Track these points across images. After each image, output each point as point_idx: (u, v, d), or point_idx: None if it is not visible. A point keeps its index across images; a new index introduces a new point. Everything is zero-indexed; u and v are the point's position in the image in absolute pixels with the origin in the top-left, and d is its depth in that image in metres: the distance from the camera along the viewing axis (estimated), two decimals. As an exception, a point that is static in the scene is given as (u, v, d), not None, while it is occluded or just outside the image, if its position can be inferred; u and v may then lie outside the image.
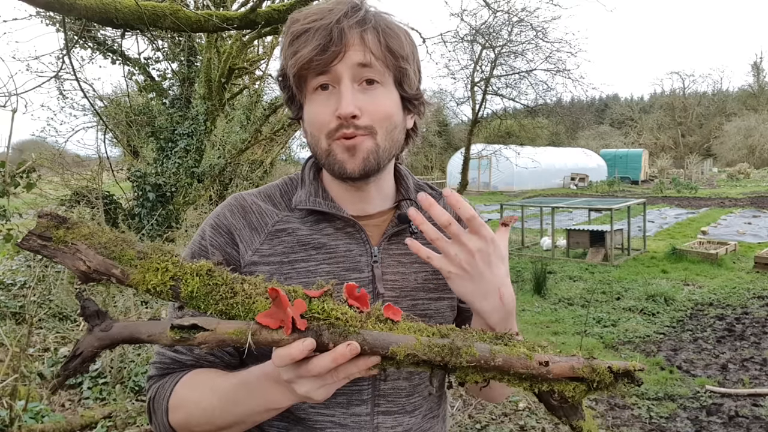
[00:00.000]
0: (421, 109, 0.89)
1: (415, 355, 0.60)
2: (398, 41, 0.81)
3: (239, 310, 0.60)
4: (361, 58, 0.78)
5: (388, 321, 0.62)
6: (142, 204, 6.85)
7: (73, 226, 0.60)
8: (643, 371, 0.62)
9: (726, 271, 7.50)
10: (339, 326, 0.60)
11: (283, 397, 0.70)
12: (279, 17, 4.62)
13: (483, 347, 0.61)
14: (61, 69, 5.75)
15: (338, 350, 0.60)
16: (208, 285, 0.61)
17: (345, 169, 0.81)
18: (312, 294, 0.62)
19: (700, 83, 64.02)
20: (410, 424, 0.89)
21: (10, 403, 2.73)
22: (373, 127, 0.81)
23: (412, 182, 0.97)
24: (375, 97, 0.80)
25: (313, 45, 0.76)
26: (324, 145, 0.82)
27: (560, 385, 0.63)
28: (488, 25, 12.00)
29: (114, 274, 0.59)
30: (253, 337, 0.57)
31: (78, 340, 0.57)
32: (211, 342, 0.57)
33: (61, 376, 0.56)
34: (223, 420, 0.76)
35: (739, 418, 3.42)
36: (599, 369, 0.62)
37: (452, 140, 32.22)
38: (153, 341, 0.58)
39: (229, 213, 0.88)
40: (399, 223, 0.90)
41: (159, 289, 0.60)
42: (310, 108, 0.83)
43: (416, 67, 0.86)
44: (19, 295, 4.90)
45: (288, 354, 0.59)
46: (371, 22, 0.79)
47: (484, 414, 3.48)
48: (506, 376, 0.62)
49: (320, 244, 0.86)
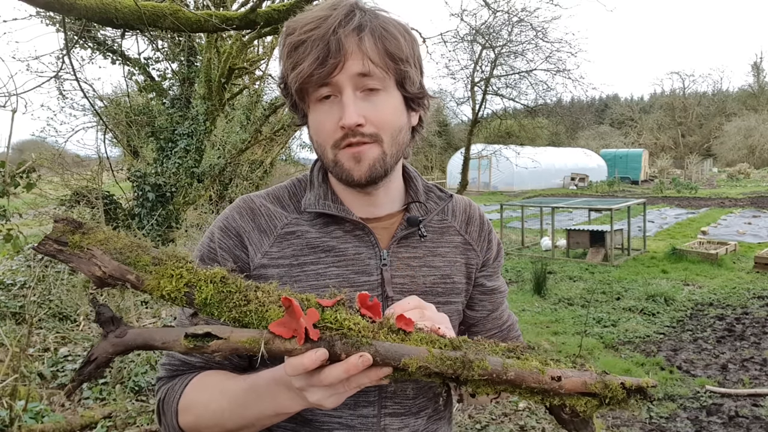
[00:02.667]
0: (425, 103, 0.89)
1: (427, 368, 0.60)
2: (396, 43, 0.80)
3: (252, 318, 0.61)
4: (360, 67, 0.77)
5: (401, 332, 0.62)
6: (142, 204, 6.84)
7: (88, 231, 0.61)
8: (655, 387, 0.62)
9: (726, 271, 7.50)
10: (351, 337, 0.60)
11: (293, 403, 0.71)
12: (279, 17, 4.61)
13: (495, 361, 0.61)
14: (61, 69, 5.75)
15: (351, 361, 0.60)
16: (222, 292, 0.61)
17: (352, 177, 0.82)
18: (325, 303, 0.62)
19: (700, 83, 64.17)
20: (416, 425, 0.89)
21: (10, 403, 2.73)
22: (378, 135, 0.81)
23: (421, 184, 0.97)
24: (378, 104, 0.80)
25: (311, 59, 0.75)
26: (330, 155, 0.82)
27: (572, 400, 0.63)
28: (488, 25, 11.98)
29: (129, 279, 0.59)
30: (266, 346, 0.58)
31: (92, 345, 0.58)
32: (225, 350, 0.58)
33: (75, 381, 0.57)
34: (233, 423, 0.76)
35: (739, 418, 3.43)
36: (612, 385, 0.62)
37: (452, 140, 32.20)
38: (167, 348, 0.58)
39: (238, 215, 0.88)
40: (408, 225, 0.90)
41: (173, 296, 0.60)
42: (315, 117, 0.83)
43: (417, 63, 0.85)
44: (19, 295, 4.89)
45: (301, 364, 0.60)
46: (368, 26, 0.78)
47: (484, 414, 3.49)
48: (518, 389, 0.62)
49: (329, 247, 0.86)
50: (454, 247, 0.95)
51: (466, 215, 1.00)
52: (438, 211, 0.95)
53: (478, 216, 1.01)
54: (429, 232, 0.93)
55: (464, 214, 1.00)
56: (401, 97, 0.84)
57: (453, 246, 0.95)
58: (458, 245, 0.96)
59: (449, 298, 0.93)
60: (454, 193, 1.02)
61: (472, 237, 0.99)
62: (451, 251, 0.95)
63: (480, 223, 1.00)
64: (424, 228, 0.92)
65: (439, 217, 0.97)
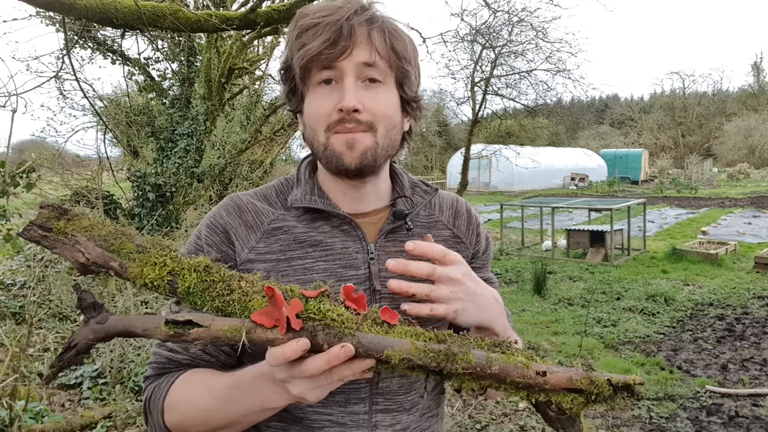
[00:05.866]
0: (417, 113, 0.91)
1: (410, 360, 0.60)
2: (403, 44, 0.83)
3: (236, 307, 0.60)
4: (366, 57, 0.80)
5: (385, 324, 0.62)
6: (142, 204, 6.84)
7: (73, 217, 0.60)
8: (643, 385, 0.62)
9: (726, 271, 7.49)
10: (334, 327, 0.59)
11: (277, 397, 0.70)
12: (279, 17, 4.61)
13: (480, 354, 0.61)
14: (61, 69, 5.75)
15: (332, 352, 0.60)
16: (206, 281, 0.61)
17: (342, 161, 0.82)
18: (309, 294, 0.61)
19: (700, 83, 64.16)
20: (408, 421, 0.89)
21: (10, 403, 2.73)
22: (374, 123, 0.82)
23: (407, 180, 0.98)
24: (377, 94, 0.82)
25: (322, 39, 0.77)
26: (322, 139, 0.83)
27: (558, 397, 0.63)
28: (488, 25, 11.98)
29: (112, 266, 0.59)
30: (247, 335, 0.57)
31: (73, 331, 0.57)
32: (206, 338, 0.57)
33: (55, 367, 0.56)
34: (219, 420, 0.76)
35: (739, 418, 3.42)
36: (598, 381, 0.61)
37: (452, 140, 32.21)
38: (147, 335, 0.58)
39: (225, 212, 0.89)
40: (395, 219, 0.90)
41: (156, 284, 0.60)
42: (312, 100, 0.83)
43: (417, 71, 0.88)
44: (19, 295, 4.90)
45: (282, 353, 0.59)
46: (379, 22, 0.82)
47: (484, 414, 3.48)
48: (502, 384, 0.62)
49: (316, 242, 0.86)
50: (443, 241, 0.95)
51: (453, 209, 1.00)
52: (424, 205, 0.96)
53: (465, 210, 1.02)
54: (416, 227, 0.93)
55: (451, 208, 1.01)
56: (399, 97, 0.86)
57: (442, 240, 0.95)
58: (447, 239, 0.97)
59: None
60: (440, 189, 1.03)
61: (460, 230, 0.99)
62: (440, 245, 0.95)
63: (467, 217, 1.01)
64: (411, 222, 0.92)
65: (427, 212, 0.97)
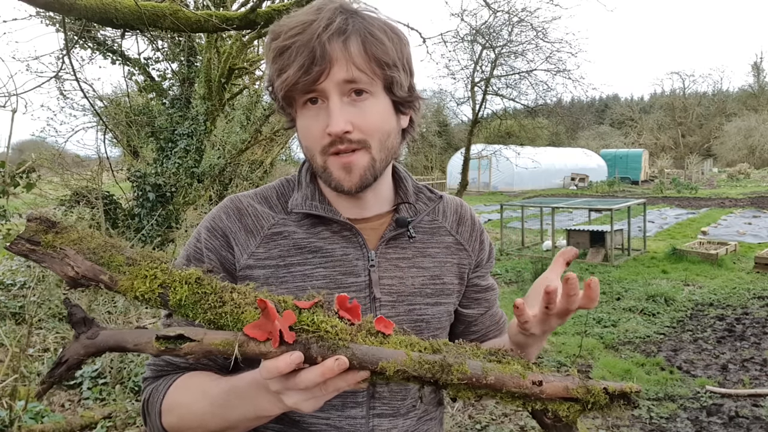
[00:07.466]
0: (415, 105, 0.87)
1: (405, 372, 0.59)
2: (383, 48, 0.78)
3: (228, 319, 0.59)
4: (345, 74, 0.76)
5: (379, 334, 0.61)
6: (142, 204, 6.84)
7: (62, 230, 0.59)
8: (639, 393, 0.61)
9: (726, 271, 7.48)
10: (328, 339, 0.59)
11: (272, 406, 0.70)
12: (279, 17, 4.61)
13: (475, 365, 0.60)
14: (61, 69, 5.74)
15: (326, 365, 0.59)
16: (197, 293, 0.60)
17: (342, 186, 0.81)
18: (302, 305, 0.60)
19: (700, 83, 64.01)
20: (405, 426, 0.88)
21: (10, 403, 2.73)
22: (366, 141, 0.80)
23: (411, 185, 0.95)
24: (365, 109, 0.79)
25: (296, 66, 0.74)
26: (320, 161, 0.82)
27: (554, 405, 0.62)
28: (488, 25, 11.98)
29: (102, 280, 0.58)
30: (240, 348, 0.56)
31: (63, 347, 0.57)
32: (198, 353, 0.56)
33: (46, 383, 0.56)
34: (215, 424, 0.76)
35: (739, 418, 3.41)
36: (594, 390, 0.61)
37: (452, 140, 32.19)
38: (139, 350, 0.57)
39: (225, 216, 0.88)
40: (397, 226, 0.89)
41: (147, 297, 0.59)
42: (302, 123, 0.82)
43: (405, 66, 0.82)
44: (19, 295, 4.89)
45: (275, 367, 0.59)
46: (353, 30, 0.77)
47: (484, 414, 3.48)
48: (498, 394, 0.61)
49: (316, 248, 0.85)
50: (445, 248, 0.94)
51: (457, 216, 0.99)
52: (428, 212, 0.94)
53: (470, 216, 1.00)
54: (419, 233, 0.92)
55: (455, 214, 0.99)
56: (389, 101, 0.82)
57: (444, 246, 0.94)
58: (449, 245, 0.95)
59: (438, 299, 0.92)
60: (445, 194, 1.01)
61: (463, 237, 0.98)
62: (442, 252, 0.94)
63: (471, 224, 1.00)
64: (414, 229, 0.91)
65: (430, 217, 0.96)
